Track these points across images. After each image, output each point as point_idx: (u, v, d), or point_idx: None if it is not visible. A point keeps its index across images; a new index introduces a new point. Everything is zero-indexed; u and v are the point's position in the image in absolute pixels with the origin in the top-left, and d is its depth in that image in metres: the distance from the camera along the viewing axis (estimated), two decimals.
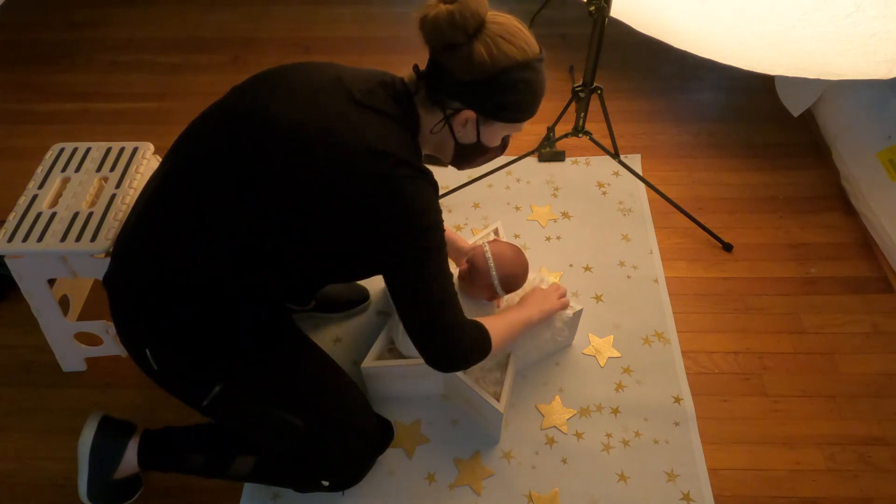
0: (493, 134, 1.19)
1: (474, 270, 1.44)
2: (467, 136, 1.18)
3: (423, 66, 1.16)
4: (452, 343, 1.17)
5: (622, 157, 1.92)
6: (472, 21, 1.05)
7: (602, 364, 1.59)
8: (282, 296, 1.29)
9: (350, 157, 1.06)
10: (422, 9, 1.08)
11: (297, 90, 1.12)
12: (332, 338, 1.65)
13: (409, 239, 1.11)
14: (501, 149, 1.26)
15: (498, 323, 1.30)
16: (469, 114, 1.13)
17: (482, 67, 1.07)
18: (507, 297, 1.54)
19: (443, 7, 1.05)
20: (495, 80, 1.08)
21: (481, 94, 1.11)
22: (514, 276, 1.47)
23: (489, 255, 1.44)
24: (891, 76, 1.40)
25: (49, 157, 1.54)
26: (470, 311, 1.47)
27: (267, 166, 1.07)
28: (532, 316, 1.40)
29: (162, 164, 1.21)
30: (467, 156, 1.23)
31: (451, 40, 1.07)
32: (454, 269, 1.55)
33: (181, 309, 1.13)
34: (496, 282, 1.44)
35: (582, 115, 1.85)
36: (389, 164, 1.07)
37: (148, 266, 1.13)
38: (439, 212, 1.15)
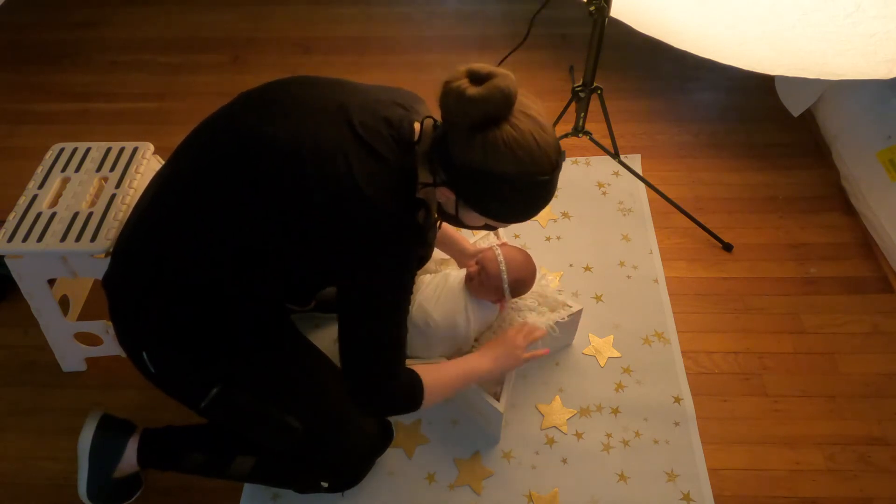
0: (472, 218, 1.14)
1: (485, 274, 1.45)
2: (448, 206, 1.15)
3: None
4: (383, 388, 1.18)
5: (622, 157, 1.92)
6: (480, 116, 1.00)
7: (602, 364, 1.59)
8: (282, 296, 1.28)
9: (337, 195, 1.05)
10: (452, 72, 1.02)
11: (301, 111, 1.10)
12: (332, 338, 1.65)
13: (376, 290, 1.11)
14: (488, 228, 1.21)
15: (437, 377, 1.26)
16: (450, 193, 1.10)
17: (472, 162, 1.03)
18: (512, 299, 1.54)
19: (464, 84, 0.99)
20: (480, 179, 1.04)
21: (464, 182, 1.07)
22: (523, 281, 1.48)
23: (501, 259, 1.45)
24: (891, 76, 1.40)
25: (49, 157, 1.53)
26: (474, 311, 1.47)
27: (267, 178, 1.07)
28: (481, 373, 1.34)
29: (165, 167, 1.21)
30: (449, 220, 1.20)
31: (454, 121, 1.03)
32: (457, 271, 1.55)
33: (181, 309, 1.13)
34: (506, 286, 1.44)
35: (582, 115, 1.85)
36: (373, 214, 1.06)
37: (148, 266, 1.13)
38: (412, 269, 1.14)
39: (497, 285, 1.45)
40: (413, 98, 1.20)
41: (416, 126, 1.14)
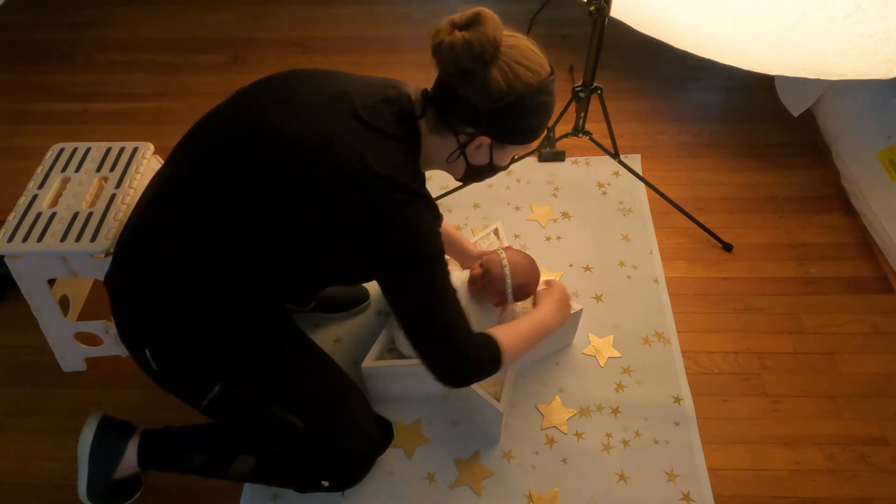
0: (505, 155, 1.19)
1: (489, 277, 1.44)
2: (480, 158, 1.18)
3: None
4: (460, 358, 1.17)
5: (622, 157, 1.92)
6: (488, 48, 1.04)
7: (602, 364, 1.59)
8: (282, 296, 1.29)
9: (348, 177, 1.06)
10: (434, 33, 1.05)
11: (300, 102, 1.11)
12: (332, 338, 1.65)
13: (408, 265, 1.10)
14: (509, 163, 1.26)
15: (511, 333, 1.26)
16: (483, 139, 1.12)
17: (499, 94, 1.06)
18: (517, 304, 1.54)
19: (458, 34, 1.03)
20: (512, 107, 1.08)
21: (497, 122, 1.10)
22: (527, 286, 1.48)
23: (506, 263, 1.45)
24: (891, 76, 1.40)
25: (49, 157, 1.54)
26: (475, 314, 1.47)
27: (267, 175, 1.07)
28: (551, 326, 1.37)
29: (164, 167, 1.21)
30: (478, 174, 1.23)
31: (467, 67, 1.05)
32: (458, 272, 1.55)
33: (181, 309, 1.13)
34: (510, 290, 1.44)
35: (582, 115, 1.85)
36: (386, 188, 1.06)
37: (149, 265, 1.13)
38: (437, 234, 1.14)
39: (500, 289, 1.45)
40: (399, 81, 1.21)
41: (414, 99, 1.16)
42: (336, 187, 1.06)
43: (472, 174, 1.22)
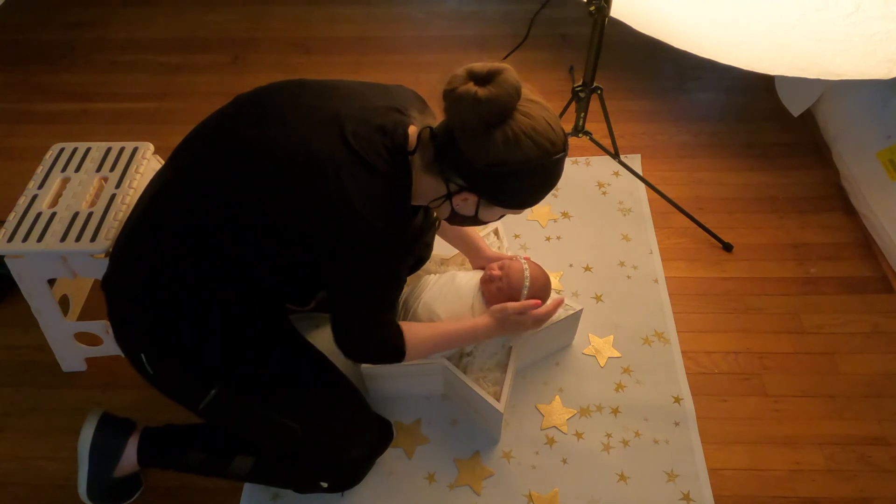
0: (491, 213, 1.16)
1: (507, 281, 1.45)
2: (465, 210, 1.15)
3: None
4: (367, 346, 1.21)
5: (622, 157, 1.92)
6: (496, 114, 1.00)
7: (602, 364, 1.59)
8: (280, 297, 1.28)
9: (326, 209, 1.05)
10: (451, 78, 1.01)
11: (294, 120, 1.09)
12: (331, 338, 1.65)
13: (367, 282, 1.14)
14: (500, 217, 1.22)
15: (425, 335, 1.29)
16: (471, 195, 1.10)
17: (495, 160, 1.02)
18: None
19: (471, 88, 0.99)
20: (505, 176, 1.05)
21: (488, 183, 1.07)
22: (537, 300, 1.48)
23: (528, 275, 1.45)
24: (891, 76, 1.40)
25: (49, 157, 1.54)
26: (479, 312, 1.47)
27: (259, 183, 1.07)
28: (483, 336, 1.37)
29: (160, 172, 1.20)
30: (463, 221, 1.20)
31: (470, 123, 1.02)
32: (464, 272, 1.55)
33: (178, 311, 1.13)
34: (522, 300, 1.45)
35: (582, 115, 1.85)
36: (365, 228, 1.05)
37: (146, 268, 1.13)
38: (401, 275, 1.18)
39: (514, 297, 1.45)
40: (410, 99, 1.19)
41: (412, 130, 1.13)
42: (316, 214, 1.05)
43: (456, 219, 1.20)
